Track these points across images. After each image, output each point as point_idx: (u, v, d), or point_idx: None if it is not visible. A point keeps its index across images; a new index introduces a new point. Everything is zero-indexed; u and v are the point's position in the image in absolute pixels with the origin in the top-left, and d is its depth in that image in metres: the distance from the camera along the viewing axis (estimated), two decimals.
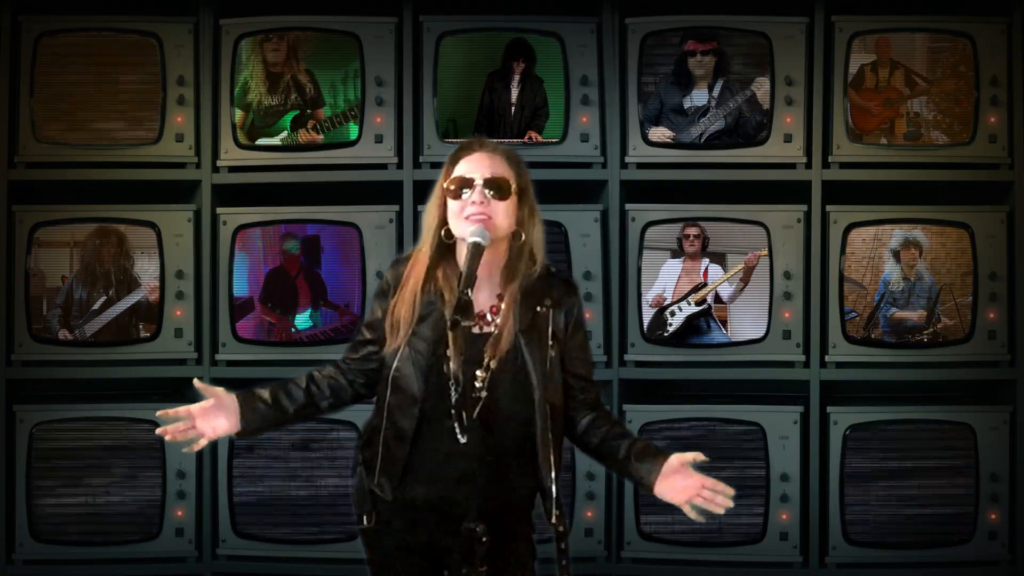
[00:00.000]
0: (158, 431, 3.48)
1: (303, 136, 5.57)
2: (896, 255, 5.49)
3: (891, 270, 5.50)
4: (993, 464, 5.44)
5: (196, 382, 3.49)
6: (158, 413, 3.46)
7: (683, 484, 3.35)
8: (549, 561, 3.48)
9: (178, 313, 5.62)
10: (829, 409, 5.50)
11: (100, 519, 5.58)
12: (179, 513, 5.59)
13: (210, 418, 3.45)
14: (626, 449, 3.42)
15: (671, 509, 3.34)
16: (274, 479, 5.57)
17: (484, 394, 3.35)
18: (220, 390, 3.46)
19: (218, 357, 5.63)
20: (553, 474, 3.38)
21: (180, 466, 5.59)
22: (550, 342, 3.40)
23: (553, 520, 3.39)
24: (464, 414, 3.34)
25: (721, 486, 3.34)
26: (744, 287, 5.50)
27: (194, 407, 3.46)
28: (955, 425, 5.46)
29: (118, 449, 5.59)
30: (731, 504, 3.33)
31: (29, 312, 5.59)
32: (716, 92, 5.53)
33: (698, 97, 5.54)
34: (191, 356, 5.63)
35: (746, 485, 5.47)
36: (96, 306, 5.60)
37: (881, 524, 5.45)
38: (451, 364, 3.34)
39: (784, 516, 5.47)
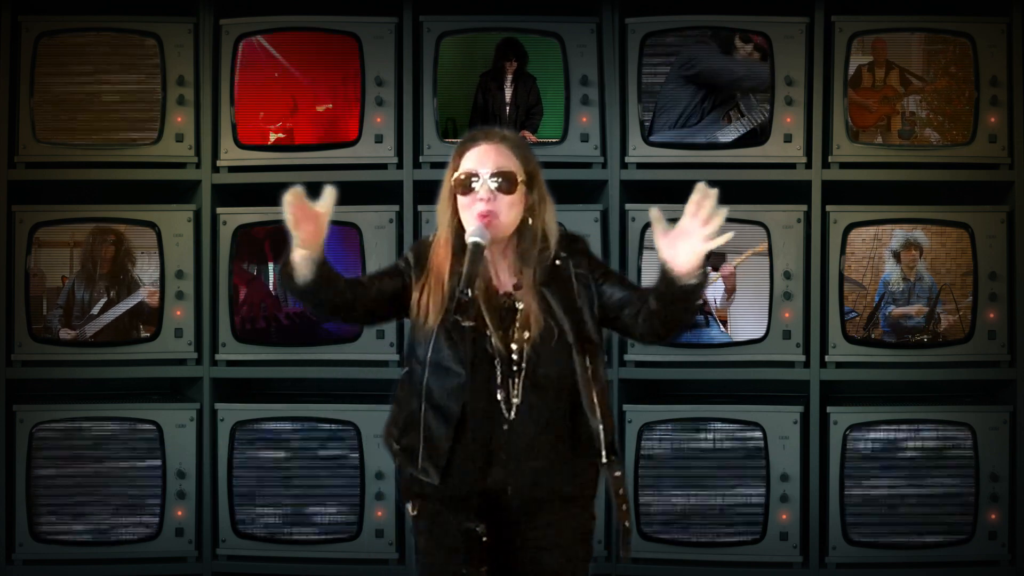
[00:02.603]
0: (293, 193, 3.43)
1: None
2: (896, 256, 5.49)
3: (891, 270, 5.50)
4: (993, 464, 5.44)
5: (330, 190, 3.43)
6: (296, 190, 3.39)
7: (685, 243, 3.23)
8: None
9: (178, 313, 5.62)
10: (829, 409, 5.50)
11: (100, 519, 5.58)
12: (179, 513, 5.59)
13: (310, 221, 3.41)
14: (652, 297, 3.34)
15: (671, 510, 3.35)
16: (275, 479, 5.58)
17: (524, 365, 3.37)
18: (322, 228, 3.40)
19: (218, 357, 5.63)
20: (599, 415, 3.39)
21: (180, 466, 5.59)
22: (575, 284, 3.44)
23: (604, 460, 3.39)
24: (510, 389, 3.37)
25: (698, 198, 3.22)
26: (732, 295, 5.50)
27: (312, 209, 3.42)
28: (955, 425, 5.46)
29: (118, 449, 5.59)
30: (711, 192, 3.22)
31: (29, 312, 5.59)
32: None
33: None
34: (191, 356, 5.63)
35: (746, 485, 5.49)
36: (96, 309, 5.60)
37: (881, 524, 5.45)
38: (493, 341, 3.37)
39: (784, 516, 5.47)
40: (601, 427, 3.40)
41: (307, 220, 3.39)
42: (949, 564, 5.44)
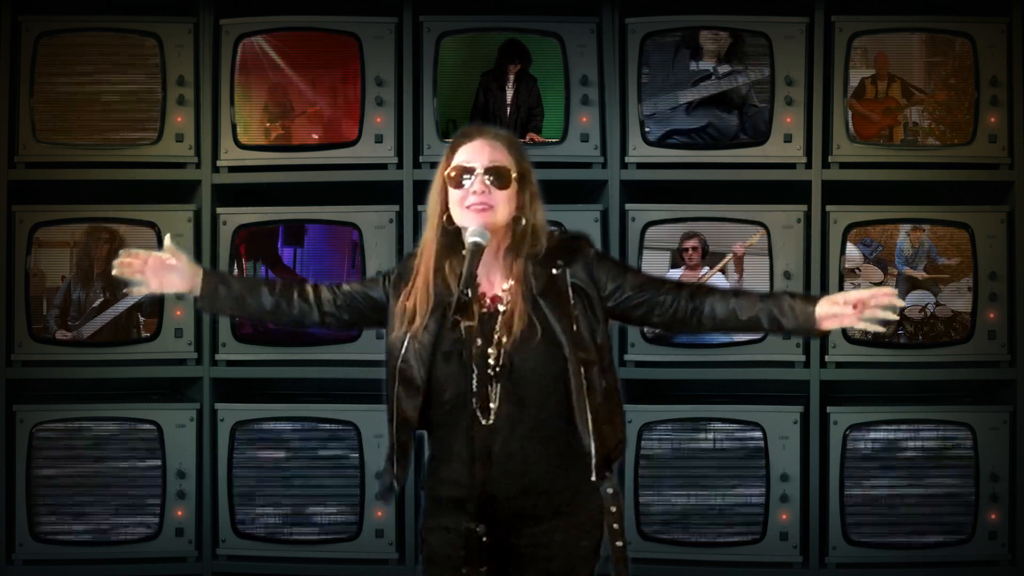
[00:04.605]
0: (114, 263, 3.56)
1: None
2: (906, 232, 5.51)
3: (903, 240, 5.50)
4: (993, 464, 5.44)
5: (167, 239, 3.57)
6: (121, 252, 3.56)
7: (844, 318, 3.40)
8: None
9: (178, 313, 5.61)
10: (829, 409, 5.50)
11: (100, 519, 5.58)
12: (179, 513, 5.59)
13: (161, 272, 3.54)
14: (770, 319, 3.42)
15: (671, 510, 3.34)
16: (275, 479, 5.58)
17: (499, 370, 3.34)
18: (184, 258, 3.55)
19: (218, 357, 5.63)
20: (592, 432, 3.33)
21: (180, 466, 5.59)
22: (572, 300, 3.40)
23: (594, 477, 3.36)
24: (488, 396, 3.35)
25: (882, 297, 3.37)
26: (740, 278, 5.50)
27: (152, 256, 3.53)
28: (955, 425, 5.46)
29: (118, 449, 5.59)
30: (897, 304, 3.37)
31: (29, 312, 5.59)
32: (722, 71, 5.51)
33: (704, 66, 5.52)
34: (191, 356, 5.63)
35: (746, 485, 5.49)
36: (95, 306, 5.59)
37: (881, 524, 5.45)
38: (471, 349, 3.35)
39: (784, 516, 5.47)
40: (594, 445, 3.34)
41: (154, 274, 3.55)
42: (949, 564, 5.44)
